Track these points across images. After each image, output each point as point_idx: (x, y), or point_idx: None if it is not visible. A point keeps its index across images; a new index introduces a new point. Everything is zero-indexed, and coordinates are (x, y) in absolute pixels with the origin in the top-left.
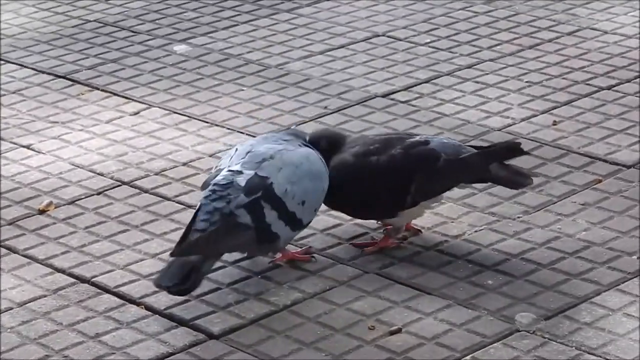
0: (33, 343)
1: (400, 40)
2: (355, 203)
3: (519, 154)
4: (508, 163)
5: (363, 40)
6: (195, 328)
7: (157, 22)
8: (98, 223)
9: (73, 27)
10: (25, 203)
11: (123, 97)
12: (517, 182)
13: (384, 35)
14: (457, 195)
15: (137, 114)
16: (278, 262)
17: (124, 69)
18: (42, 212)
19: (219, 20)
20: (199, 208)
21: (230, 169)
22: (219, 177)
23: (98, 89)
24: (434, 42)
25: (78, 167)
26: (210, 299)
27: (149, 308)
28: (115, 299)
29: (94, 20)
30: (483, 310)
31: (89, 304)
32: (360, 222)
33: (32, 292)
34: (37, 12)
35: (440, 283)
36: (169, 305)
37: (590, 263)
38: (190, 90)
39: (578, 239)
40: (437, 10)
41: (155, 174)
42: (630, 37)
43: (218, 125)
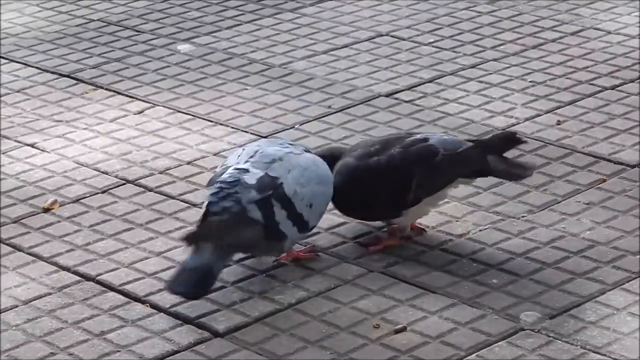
0: (38, 341)
1: (404, 40)
2: (360, 205)
3: (516, 144)
4: (507, 156)
5: (367, 40)
6: (200, 326)
7: (160, 21)
8: (103, 221)
9: (77, 26)
10: (30, 201)
11: (127, 96)
12: (516, 174)
13: (388, 35)
14: (461, 194)
15: (141, 113)
16: (283, 260)
17: (128, 68)
18: (46, 210)
19: (223, 20)
20: (207, 206)
21: (237, 167)
22: (225, 174)
23: (102, 88)
24: (438, 41)
25: (82, 165)
26: (215, 297)
27: (154, 306)
28: (120, 297)
29: (98, 20)
30: (488, 309)
31: (94, 302)
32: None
33: (37, 290)
34: (40, 11)
35: (445, 282)
36: (174, 304)
37: (595, 262)
38: (194, 90)
39: (582, 238)
40: (440, 10)
41: (160, 173)
42: (634, 37)
43: (222, 124)
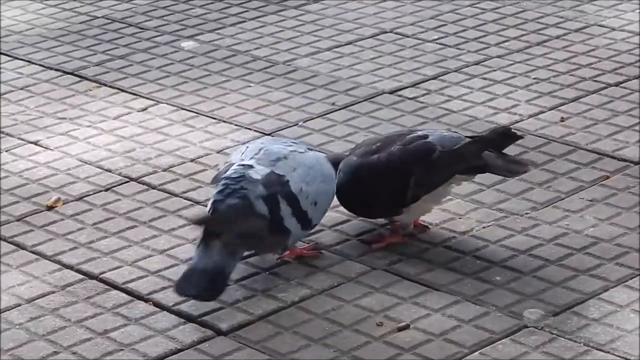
0: (41, 339)
1: (408, 37)
2: (361, 202)
3: (514, 140)
4: (505, 152)
5: (370, 37)
6: (204, 324)
7: (164, 18)
8: (106, 219)
9: (80, 23)
10: (34, 199)
11: (131, 93)
12: (512, 170)
13: (392, 32)
14: (464, 192)
15: (144, 110)
16: (286, 258)
17: (132, 66)
18: (50, 208)
19: (227, 17)
20: (214, 204)
21: (242, 164)
22: (230, 171)
23: (106, 86)
24: (442, 38)
25: (86, 163)
26: None
27: (157, 304)
28: (124, 295)
29: (102, 17)
30: (491, 307)
31: (97, 301)
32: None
33: (40, 288)
34: (44, 8)
35: (448, 279)
36: (177, 302)
37: (598, 259)
38: (198, 87)
39: (586, 235)
40: (444, 7)
41: (163, 170)
42: (638, 34)
43: (226, 122)
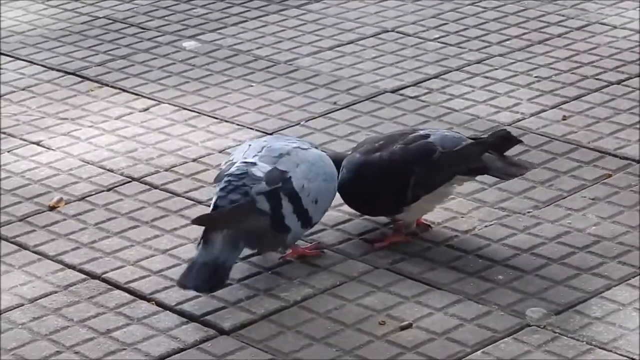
0: (44, 339)
1: (410, 36)
2: (363, 200)
3: (513, 143)
4: (505, 154)
5: (372, 36)
6: (206, 324)
7: (166, 18)
8: (108, 219)
9: (82, 23)
10: (36, 199)
11: (132, 93)
12: (510, 172)
13: (393, 31)
14: (466, 191)
15: (146, 110)
16: (288, 257)
17: (134, 66)
18: (52, 208)
19: (228, 17)
20: (216, 201)
21: (244, 161)
22: (233, 168)
23: (107, 86)
24: (443, 37)
25: (88, 163)
26: (221, 295)
27: (160, 304)
28: (126, 295)
29: (103, 17)
30: (493, 305)
31: (100, 300)
32: (370, 217)
33: (42, 288)
34: (46, 9)
35: (451, 278)
36: (180, 301)
37: (601, 258)
38: (200, 87)
39: (588, 234)
40: (446, 6)
41: (165, 170)
42: (639, 31)
43: (227, 121)
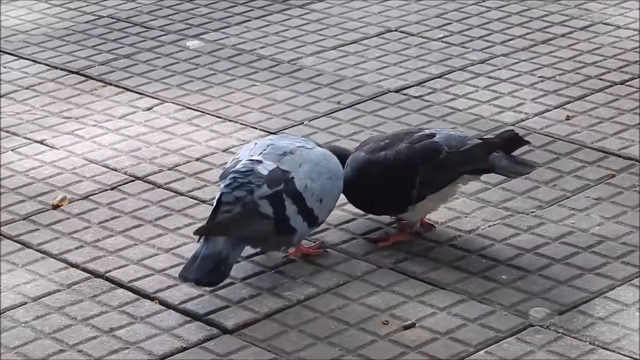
0: (47, 338)
1: (413, 36)
2: (367, 199)
3: (521, 144)
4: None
5: (376, 36)
6: (209, 323)
7: (169, 17)
8: (112, 218)
9: (86, 23)
10: (39, 198)
11: (136, 92)
12: (517, 171)
13: (397, 31)
14: (470, 190)
15: (150, 110)
16: (292, 256)
17: (137, 65)
18: (56, 207)
19: (232, 16)
20: (220, 198)
21: (250, 159)
22: (239, 165)
23: (111, 85)
24: (447, 37)
25: (92, 162)
26: (224, 294)
27: (163, 303)
28: (129, 294)
29: (107, 16)
30: (497, 305)
31: (103, 299)
32: (374, 217)
33: (46, 286)
34: (49, 8)
35: (454, 278)
36: (183, 300)
37: (604, 258)
38: (203, 86)
39: (592, 234)
40: (449, 6)
41: (169, 169)
42: None
43: (231, 121)
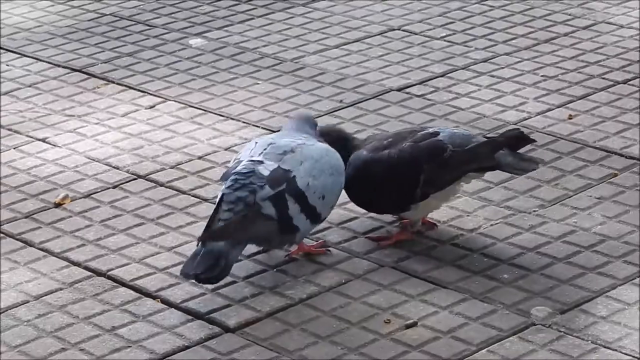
0: (49, 336)
1: (416, 34)
2: (370, 197)
3: (526, 143)
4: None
5: (378, 34)
6: (211, 321)
7: (172, 15)
8: (114, 216)
9: (89, 20)
10: (41, 196)
11: (139, 90)
12: (522, 167)
13: (400, 29)
14: (472, 189)
15: (152, 108)
16: (294, 255)
17: (140, 63)
18: (58, 205)
19: (235, 14)
20: (222, 198)
21: (251, 159)
22: (240, 166)
23: (114, 83)
24: (450, 35)
25: (94, 160)
26: (226, 293)
27: (165, 301)
28: (131, 292)
29: (110, 14)
30: (499, 304)
31: (105, 297)
32: (376, 216)
33: (48, 285)
34: (52, 5)
35: (456, 277)
36: (185, 299)
37: (606, 257)
38: (206, 84)
39: (594, 233)
40: (452, 4)
41: (171, 168)
42: None
43: (233, 119)
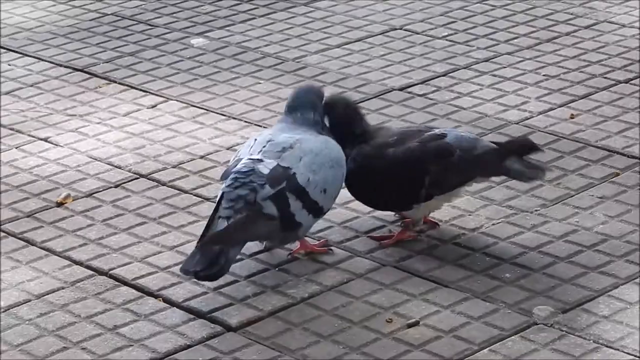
0: (51, 335)
1: (418, 34)
2: (372, 193)
3: (534, 151)
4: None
5: (380, 34)
6: (213, 320)
7: (174, 15)
8: (116, 215)
9: (90, 20)
10: (43, 195)
11: (140, 90)
12: (529, 175)
13: (401, 29)
14: (474, 189)
15: (154, 107)
16: (296, 254)
17: (142, 62)
18: (60, 204)
19: (237, 14)
20: (222, 196)
21: (251, 158)
22: (240, 165)
23: (115, 82)
24: (451, 35)
25: (96, 159)
26: (228, 292)
27: (167, 300)
28: (133, 291)
29: (112, 14)
30: (501, 303)
31: (107, 296)
32: (378, 215)
33: (50, 284)
34: (54, 5)
35: (458, 276)
36: (187, 298)
37: (608, 256)
38: (208, 84)
39: (596, 232)
40: (454, 4)
41: (173, 167)
42: None
43: (235, 118)
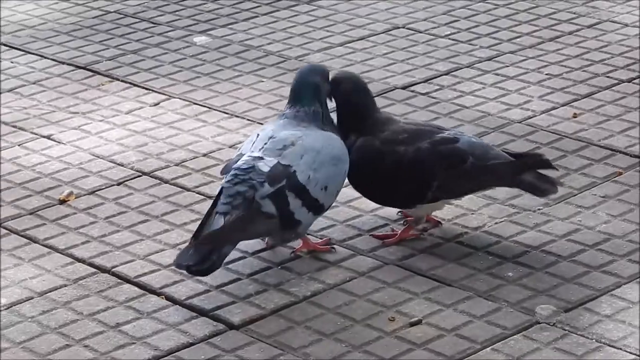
0: (53, 332)
1: (420, 33)
2: (376, 189)
3: (546, 167)
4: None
5: (383, 32)
6: (216, 318)
7: (177, 13)
8: (118, 213)
9: (93, 18)
10: (46, 193)
11: (143, 88)
12: (542, 190)
13: (404, 28)
14: None
15: (157, 105)
16: (298, 252)
17: (144, 60)
18: (62, 202)
19: (239, 12)
20: (221, 192)
21: (251, 155)
22: (240, 162)
23: (118, 80)
24: (454, 34)
25: (98, 157)
26: (231, 290)
27: (169, 298)
28: (136, 289)
29: (114, 12)
30: (503, 302)
31: (110, 294)
32: (381, 213)
33: (52, 281)
34: (57, 3)
35: (460, 275)
36: (189, 296)
37: (611, 255)
38: (210, 82)
39: (598, 232)
40: (457, 3)
41: (176, 165)
42: None
43: (238, 117)
